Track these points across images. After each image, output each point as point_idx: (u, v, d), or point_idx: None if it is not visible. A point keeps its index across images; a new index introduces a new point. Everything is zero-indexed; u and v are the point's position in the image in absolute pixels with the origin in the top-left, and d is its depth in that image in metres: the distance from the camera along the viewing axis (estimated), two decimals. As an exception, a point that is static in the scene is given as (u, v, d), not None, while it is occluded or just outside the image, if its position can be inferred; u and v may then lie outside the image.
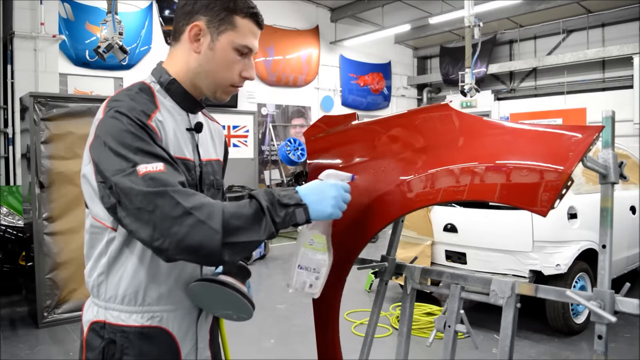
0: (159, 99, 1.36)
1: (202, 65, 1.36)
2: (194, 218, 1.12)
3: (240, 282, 1.36)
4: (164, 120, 1.32)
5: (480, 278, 1.66)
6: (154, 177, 1.14)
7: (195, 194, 1.17)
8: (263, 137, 10.65)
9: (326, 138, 1.83)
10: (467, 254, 4.73)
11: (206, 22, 1.34)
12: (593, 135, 1.29)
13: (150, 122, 1.26)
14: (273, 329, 4.68)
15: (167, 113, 1.36)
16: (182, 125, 1.39)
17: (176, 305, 1.35)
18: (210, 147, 1.51)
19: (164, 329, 1.32)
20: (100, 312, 1.31)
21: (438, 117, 1.58)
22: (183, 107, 1.41)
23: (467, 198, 1.41)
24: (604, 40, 10.55)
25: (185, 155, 1.36)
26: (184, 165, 1.34)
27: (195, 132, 1.42)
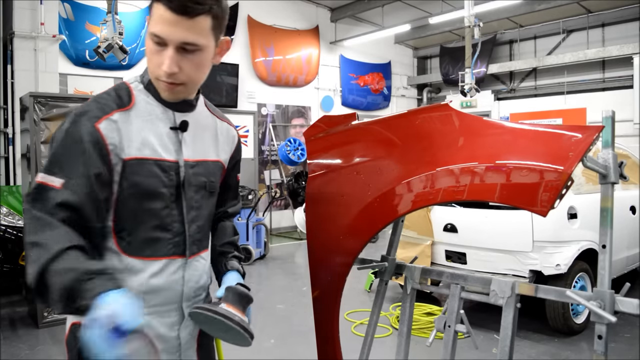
0: (138, 98, 1.33)
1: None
2: (30, 253, 1.13)
3: (240, 312, 1.33)
4: (129, 120, 1.28)
5: (480, 278, 1.66)
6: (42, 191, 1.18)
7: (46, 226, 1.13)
8: (263, 137, 10.64)
9: (326, 138, 1.83)
10: (467, 254, 4.73)
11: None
12: (593, 135, 1.29)
13: (98, 125, 1.24)
14: (273, 329, 4.68)
15: (143, 112, 1.32)
16: (164, 124, 1.35)
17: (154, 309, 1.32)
18: (208, 147, 1.46)
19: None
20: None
21: (438, 117, 1.59)
22: (167, 106, 1.36)
23: (467, 198, 1.41)
24: (604, 40, 10.55)
25: (160, 155, 1.31)
26: (156, 166, 1.30)
27: (180, 131, 1.37)
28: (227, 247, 1.59)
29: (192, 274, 1.40)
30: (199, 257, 1.43)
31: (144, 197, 1.30)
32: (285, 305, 5.41)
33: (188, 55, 1.27)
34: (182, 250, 1.37)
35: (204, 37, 1.27)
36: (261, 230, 7.81)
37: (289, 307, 5.37)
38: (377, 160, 1.64)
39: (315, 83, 11.51)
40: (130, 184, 1.28)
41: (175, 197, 1.35)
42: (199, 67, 1.31)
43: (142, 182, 1.29)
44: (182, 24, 1.22)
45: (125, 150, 1.27)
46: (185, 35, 1.24)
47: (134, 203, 1.29)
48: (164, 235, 1.33)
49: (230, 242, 1.61)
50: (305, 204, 1.81)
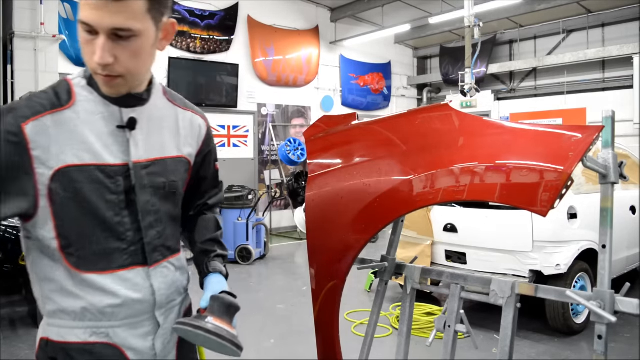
0: (79, 95, 1.20)
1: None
2: None
3: (228, 324, 1.26)
4: (65, 122, 1.16)
5: (480, 278, 1.66)
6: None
7: None
8: (263, 137, 10.64)
9: (326, 138, 1.83)
10: (467, 254, 4.73)
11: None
12: (593, 135, 1.29)
13: (24, 125, 1.11)
14: (273, 329, 4.68)
15: (85, 111, 1.19)
16: (110, 123, 1.22)
17: (124, 321, 1.24)
18: (166, 143, 1.32)
19: (112, 344, 1.22)
20: (45, 328, 1.23)
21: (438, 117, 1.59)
22: (113, 102, 1.22)
23: (467, 198, 1.41)
24: (604, 40, 10.55)
25: (103, 160, 1.19)
26: (99, 172, 1.18)
27: (128, 130, 1.23)
28: (208, 244, 1.49)
29: (161, 282, 1.29)
30: (167, 264, 1.32)
31: (87, 208, 1.18)
32: (285, 305, 5.41)
33: (123, 43, 1.13)
34: (141, 260, 1.26)
35: (138, 21, 1.12)
36: (261, 230, 7.81)
37: (289, 307, 5.37)
38: (377, 160, 1.64)
39: (315, 83, 11.51)
40: (69, 195, 1.16)
41: (126, 204, 1.23)
42: (136, 55, 1.16)
43: (82, 191, 1.16)
44: (110, 8, 1.08)
45: (57, 158, 1.14)
46: (114, 20, 1.09)
47: (77, 215, 1.17)
48: (117, 245, 1.22)
49: (212, 239, 1.50)
50: (305, 204, 1.81)
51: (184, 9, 9.51)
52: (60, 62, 7.71)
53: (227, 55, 9.96)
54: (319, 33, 11.49)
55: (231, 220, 7.55)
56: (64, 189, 1.15)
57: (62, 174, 1.15)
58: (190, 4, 9.50)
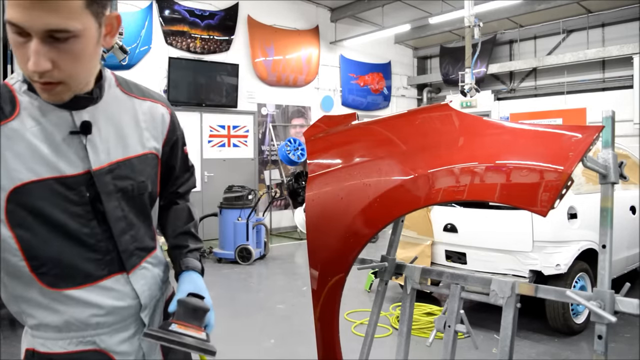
0: (23, 103, 1.09)
1: None
2: None
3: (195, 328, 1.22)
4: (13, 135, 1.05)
5: (480, 278, 1.66)
6: None
7: None
8: (263, 137, 10.64)
9: (326, 138, 1.83)
10: (467, 254, 4.73)
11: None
12: (593, 135, 1.29)
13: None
14: (273, 329, 4.68)
15: (30, 120, 1.08)
16: (62, 129, 1.11)
17: (110, 327, 1.21)
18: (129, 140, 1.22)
19: (100, 351, 1.20)
20: (30, 339, 1.20)
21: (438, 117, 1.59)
22: (62, 106, 1.11)
23: (467, 198, 1.41)
24: (604, 40, 10.55)
25: (60, 171, 1.09)
26: (59, 185, 1.09)
27: (82, 135, 1.13)
28: (181, 238, 1.41)
29: (143, 284, 1.25)
30: (145, 264, 1.27)
31: (52, 225, 1.09)
32: (285, 305, 5.41)
33: (60, 45, 0.99)
34: (119, 267, 1.21)
35: (76, 20, 0.98)
36: (261, 230, 7.81)
37: (289, 307, 5.37)
38: (377, 160, 1.64)
39: (315, 83, 11.51)
40: (29, 213, 1.06)
41: (94, 214, 1.15)
42: (78, 58, 1.03)
43: (43, 208, 1.07)
44: (43, 6, 0.94)
45: (10, 176, 1.04)
46: (49, 20, 0.95)
47: (42, 234, 1.09)
48: (91, 256, 1.15)
49: (184, 232, 1.42)
50: (305, 204, 1.81)
51: (184, 9, 9.51)
52: (60, 62, 7.72)
53: (227, 55, 9.96)
54: (319, 33, 11.49)
55: (231, 220, 7.55)
56: (24, 209, 1.06)
57: (18, 193, 1.05)
58: (190, 4, 9.51)
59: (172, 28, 9.35)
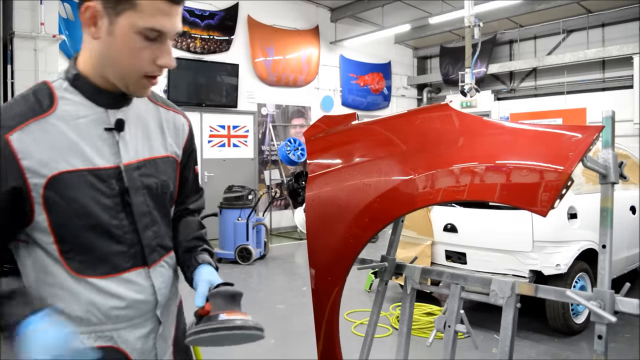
0: (63, 99, 1.17)
1: (104, 54, 1.15)
2: None
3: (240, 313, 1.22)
4: (51, 128, 1.13)
5: (480, 278, 1.66)
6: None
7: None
8: (263, 137, 10.64)
9: (326, 138, 1.83)
10: (467, 254, 4.73)
11: (102, 2, 1.10)
12: (593, 135, 1.29)
13: (9, 136, 1.08)
14: (273, 329, 4.68)
15: (70, 116, 1.16)
16: (97, 125, 1.19)
17: (128, 323, 1.24)
18: (153, 142, 1.30)
19: (117, 348, 1.23)
20: None
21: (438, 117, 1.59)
22: (99, 104, 1.20)
23: (467, 198, 1.41)
24: (604, 40, 10.55)
25: (94, 164, 1.17)
26: (93, 176, 1.16)
27: (116, 131, 1.22)
28: (193, 242, 1.45)
29: (161, 281, 1.29)
30: (163, 262, 1.32)
31: (84, 213, 1.16)
32: (285, 305, 5.41)
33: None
34: (141, 261, 1.26)
35: None
36: (261, 230, 7.81)
37: (289, 307, 5.37)
38: (377, 160, 1.64)
39: (315, 83, 11.51)
40: (65, 202, 1.13)
41: (122, 206, 1.21)
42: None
43: (78, 197, 1.14)
44: (176, 13, 1.15)
45: (49, 165, 1.11)
46: (179, 24, 1.16)
47: (74, 221, 1.15)
48: (117, 248, 1.21)
49: (196, 237, 1.46)
50: (305, 204, 1.81)
51: (183, 9, 9.49)
52: (60, 62, 7.71)
53: (227, 55, 9.96)
54: (319, 33, 11.49)
55: (231, 220, 7.55)
56: (59, 197, 1.13)
57: (55, 181, 1.12)
58: (190, 4, 9.50)
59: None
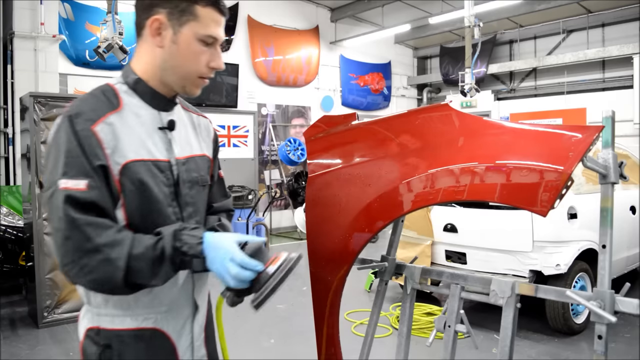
0: (124, 100, 1.33)
1: (167, 60, 1.32)
2: (103, 255, 1.16)
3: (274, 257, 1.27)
4: (123, 122, 1.29)
5: (480, 278, 1.66)
6: (72, 196, 1.17)
7: (108, 227, 1.19)
8: (263, 137, 10.64)
9: (326, 138, 1.83)
10: (467, 254, 4.73)
11: (167, 15, 1.29)
12: (593, 135, 1.29)
13: (94, 128, 1.23)
14: (273, 329, 4.68)
15: (132, 114, 1.32)
16: (153, 124, 1.35)
17: (169, 305, 1.35)
18: (192, 142, 1.47)
19: (159, 329, 1.33)
20: (94, 318, 1.32)
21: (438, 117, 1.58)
22: (154, 106, 1.37)
23: (467, 198, 1.41)
24: (604, 40, 10.55)
25: (154, 156, 1.32)
26: (154, 167, 1.31)
27: (168, 131, 1.38)
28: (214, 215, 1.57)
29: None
30: None
31: (149, 198, 1.30)
32: (285, 305, 5.41)
33: None
34: None
35: None
36: (261, 230, 7.81)
37: (289, 307, 5.37)
38: (377, 160, 1.64)
39: (315, 83, 11.51)
40: (135, 187, 1.27)
41: (174, 195, 1.36)
42: None
43: (145, 183, 1.29)
44: (223, 22, 1.35)
45: (124, 154, 1.26)
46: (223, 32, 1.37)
47: (141, 204, 1.29)
48: None
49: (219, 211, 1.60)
50: (305, 204, 1.81)
51: (184, 9, 9.50)
52: (60, 62, 7.71)
53: (227, 55, 9.95)
54: (319, 33, 11.49)
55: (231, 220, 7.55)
56: (130, 182, 1.26)
57: (127, 168, 1.26)
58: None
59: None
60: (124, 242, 1.18)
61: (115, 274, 1.16)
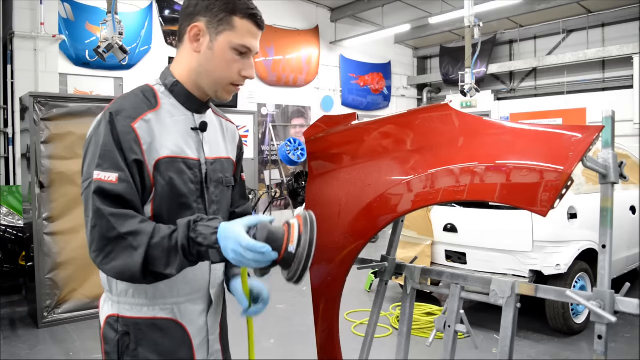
0: (162, 100, 1.41)
1: (202, 64, 1.40)
2: (126, 243, 1.22)
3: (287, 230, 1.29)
4: (159, 120, 1.37)
5: (480, 278, 1.66)
6: (102, 188, 1.25)
7: (131, 217, 1.25)
8: (263, 137, 10.64)
9: (326, 138, 1.83)
10: (467, 254, 4.73)
11: (206, 23, 1.38)
12: (593, 135, 1.29)
13: (134, 125, 1.31)
14: (273, 329, 4.68)
15: (168, 113, 1.40)
16: (186, 125, 1.44)
17: (187, 297, 1.41)
18: (220, 145, 1.55)
19: (176, 320, 1.40)
20: (114, 306, 1.39)
21: (438, 117, 1.58)
22: (188, 108, 1.45)
23: (467, 198, 1.41)
24: (604, 40, 10.55)
25: (186, 154, 1.40)
26: (184, 164, 1.38)
27: (200, 131, 1.46)
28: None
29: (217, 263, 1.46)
30: None
31: (176, 194, 1.37)
32: (285, 305, 5.41)
33: None
34: None
35: None
36: (261, 230, 7.79)
37: (289, 307, 5.37)
38: (377, 160, 1.64)
39: (315, 83, 11.50)
40: (165, 182, 1.35)
41: (200, 193, 1.43)
42: None
43: (175, 179, 1.36)
44: (259, 36, 1.43)
45: (158, 150, 1.34)
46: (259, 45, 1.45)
47: (169, 199, 1.36)
48: None
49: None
50: (305, 204, 1.81)
51: (184, 9, 9.49)
52: (60, 62, 7.71)
53: (227, 55, 9.94)
54: (319, 33, 11.48)
55: (231, 220, 7.53)
56: (161, 177, 1.34)
57: (160, 164, 1.34)
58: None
59: (172, 28, 9.35)
60: (146, 231, 1.23)
61: (135, 261, 1.21)
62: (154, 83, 1.46)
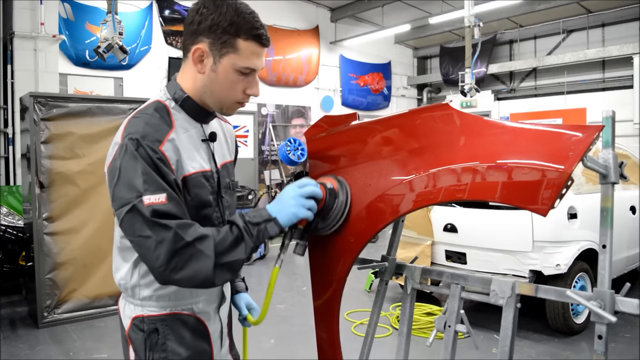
0: (174, 116, 1.43)
1: (206, 85, 1.42)
2: (194, 249, 1.26)
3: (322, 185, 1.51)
4: (178, 138, 1.40)
5: (480, 278, 1.66)
6: (157, 209, 1.26)
7: (191, 225, 1.29)
8: (263, 137, 10.64)
9: (327, 138, 1.83)
10: (467, 254, 4.73)
11: (209, 45, 1.37)
12: (593, 135, 1.29)
13: (162, 148, 1.33)
14: (273, 329, 4.68)
15: (182, 129, 1.43)
16: (197, 137, 1.47)
17: (202, 296, 1.50)
18: (224, 150, 1.60)
19: (195, 316, 1.48)
20: (136, 308, 1.45)
21: (439, 116, 1.58)
22: (197, 119, 1.48)
23: (467, 198, 1.41)
24: (604, 40, 10.55)
25: (203, 167, 1.45)
26: (203, 177, 1.44)
27: (210, 142, 1.50)
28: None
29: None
30: None
31: (201, 206, 1.44)
32: (285, 305, 5.41)
33: None
34: None
35: None
36: (261, 230, 7.80)
37: (289, 307, 5.37)
38: (378, 160, 1.64)
39: (315, 83, 11.51)
40: (191, 197, 1.41)
41: (217, 201, 1.50)
42: None
43: (199, 193, 1.42)
44: (264, 53, 1.45)
45: (183, 168, 1.39)
46: (264, 61, 1.46)
47: (195, 212, 1.41)
48: None
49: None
50: (306, 204, 1.80)
51: (183, 9, 9.51)
52: (60, 62, 7.71)
53: (227, 55, 9.95)
54: (319, 33, 11.49)
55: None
56: (188, 193, 1.40)
57: (186, 180, 1.40)
58: (190, 4, 9.50)
59: (172, 28, 9.35)
60: (208, 234, 1.28)
61: (207, 263, 1.26)
62: (164, 98, 1.46)
